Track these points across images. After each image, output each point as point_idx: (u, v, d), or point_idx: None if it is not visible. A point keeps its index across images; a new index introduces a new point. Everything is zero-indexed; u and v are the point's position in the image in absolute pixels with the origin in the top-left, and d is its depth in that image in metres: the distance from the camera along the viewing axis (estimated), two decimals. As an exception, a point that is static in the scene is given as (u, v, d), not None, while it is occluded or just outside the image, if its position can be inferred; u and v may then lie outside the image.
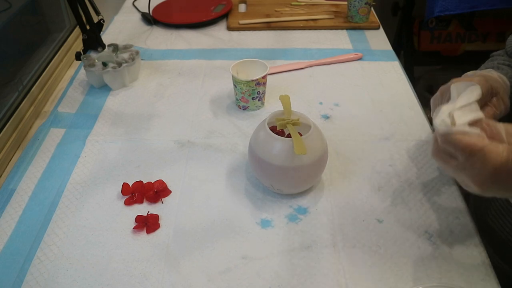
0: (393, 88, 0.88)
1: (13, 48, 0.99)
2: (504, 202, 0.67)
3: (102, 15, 0.95)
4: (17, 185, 0.69)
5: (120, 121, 0.81)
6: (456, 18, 1.72)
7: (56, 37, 1.11)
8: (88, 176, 0.70)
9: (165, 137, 0.77)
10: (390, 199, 0.65)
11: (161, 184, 0.67)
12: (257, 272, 0.56)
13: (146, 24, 1.16)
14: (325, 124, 0.79)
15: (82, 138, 0.77)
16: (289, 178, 0.61)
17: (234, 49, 1.03)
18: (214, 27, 1.14)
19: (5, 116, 0.83)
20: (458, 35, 1.77)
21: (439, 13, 1.34)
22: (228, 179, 0.69)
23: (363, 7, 1.07)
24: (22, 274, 0.56)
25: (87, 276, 0.56)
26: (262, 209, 0.64)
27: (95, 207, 0.65)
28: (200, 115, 0.82)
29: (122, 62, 0.87)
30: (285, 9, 1.18)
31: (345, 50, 1.01)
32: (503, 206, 0.67)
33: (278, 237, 0.60)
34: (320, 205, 0.64)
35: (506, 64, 0.64)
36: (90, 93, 0.89)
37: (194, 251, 0.58)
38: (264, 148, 0.61)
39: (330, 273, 0.55)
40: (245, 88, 0.79)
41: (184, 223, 0.62)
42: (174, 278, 0.55)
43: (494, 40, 1.77)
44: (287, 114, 0.63)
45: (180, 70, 0.96)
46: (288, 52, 1.01)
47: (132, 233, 0.61)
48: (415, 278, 0.54)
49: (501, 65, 0.65)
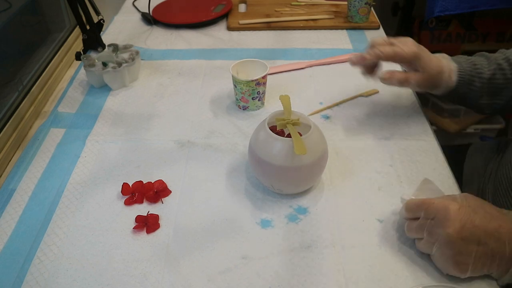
0: (393, 88, 0.88)
1: (13, 48, 0.99)
2: (504, 203, 0.67)
3: (102, 15, 0.95)
4: (17, 185, 0.69)
5: (120, 121, 0.81)
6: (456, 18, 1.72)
7: (56, 37, 1.11)
8: (88, 176, 0.70)
9: (165, 137, 0.77)
10: (390, 199, 0.65)
11: (161, 184, 0.67)
12: (257, 272, 0.56)
13: (146, 24, 1.16)
14: (325, 124, 0.79)
15: (82, 138, 0.77)
16: (289, 178, 0.61)
17: (234, 49, 1.03)
18: (214, 27, 1.14)
19: (5, 116, 0.83)
20: (458, 35, 1.77)
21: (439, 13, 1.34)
22: (228, 179, 0.69)
23: (363, 7, 1.07)
24: (22, 274, 0.56)
25: (87, 276, 0.56)
26: (262, 209, 0.64)
27: (95, 207, 0.65)
28: (200, 115, 0.82)
29: (122, 62, 0.87)
30: (285, 9, 1.18)
31: (345, 50, 1.01)
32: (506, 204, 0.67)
33: (278, 237, 0.60)
34: (320, 205, 0.64)
35: (496, 61, 0.70)
36: (90, 93, 0.89)
37: (194, 251, 0.58)
38: (264, 148, 0.61)
39: (330, 273, 0.55)
40: (245, 88, 0.79)
41: (184, 223, 0.62)
42: (174, 278, 0.55)
43: (494, 40, 1.77)
44: (287, 114, 0.63)
45: (180, 70, 0.96)
46: (288, 52, 1.01)
47: (132, 233, 0.61)
48: (415, 278, 0.54)
49: (484, 57, 0.72)
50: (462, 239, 0.49)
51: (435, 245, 0.52)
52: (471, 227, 0.50)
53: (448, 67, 0.69)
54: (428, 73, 0.68)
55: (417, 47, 0.68)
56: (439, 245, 0.51)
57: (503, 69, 0.69)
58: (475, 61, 0.71)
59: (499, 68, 0.69)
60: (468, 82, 0.70)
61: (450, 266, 0.51)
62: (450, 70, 0.69)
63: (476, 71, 0.70)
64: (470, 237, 0.49)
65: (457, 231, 0.49)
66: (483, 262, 0.50)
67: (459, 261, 0.50)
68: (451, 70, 0.69)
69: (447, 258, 0.51)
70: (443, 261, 0.52)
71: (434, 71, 0.68)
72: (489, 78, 0.69)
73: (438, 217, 0.51)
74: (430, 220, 0.52)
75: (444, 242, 0.50)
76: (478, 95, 0.71)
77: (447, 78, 0.69)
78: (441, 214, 0.51)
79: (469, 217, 0.50)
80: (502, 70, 0.69)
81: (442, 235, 0.50)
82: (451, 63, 0.70)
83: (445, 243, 0.50)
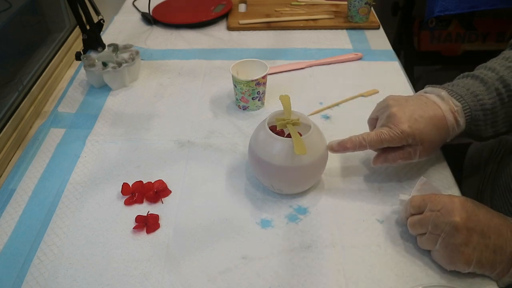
0: (393, 88, 0.88)
1: (13, 48, 0.99)
2: (504, 203, 0.67)
3: (102, 15, 0.95)
4: (17, 185, 0.69)
5: (120, 121, 0.81)
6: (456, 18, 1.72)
7: (56, 37, 1.11)
8: (88, 176, 0.70)
9: (165, 137, 0.77)
10: (390, 199, 0.64)
11: (161, 184, 0.67)
12: (257, 272, 0.56)
13: (146, 24, 1.16)
14: (325, 124, 0.79)
15: (82, 138, 0.77)
16: (289, 178, 0.61)
17: (234, 49, 1.03)
18: (214, 27, 1.14)
19: (5, 116, 0.83)
20: (458, 35, 1.77)
21: (439, 13, 1.34)
22: (228, 179, 0.69)
23: (363, 7, 1.07)
24: (22, 274, 0.56)
25: (87, 276, 0.56)
26: (262, 209, 0.64)
27: (95, 207, 0.65)
28: (200, 115, 0.82)
29: (122, 62, 0.87)
30: (285, 9, 1.18)
31: (345, 50, 1.01)
32: (503, 207, 0.67)
33: (278, 237, 0.60)
34: (320, 205, 0.64)
35: (494, 85, 0.62)
36: (90, 93, 0.89)
37: (194, 251, 0.58)
38: (264, 148, 0.61)
39: (330, 273, 0.55)
40: (245, 88, 0.79)
41: (184, 223, 0.62)
42: (174, 278, 0.55)
43: (494, 40, 1.77)
44: (287, 114, 0.63)
45: (180, 70, 0.96)
46: (288, 52, 1.01)
47: (132, 233, 0.61)
48: (415, 278, 0.54)
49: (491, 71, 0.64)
50: (468, 229, 0.50)
51: (440, 237, 0.52)
52: (476, 219, 0.51)
53: (450, 114, 0.60)
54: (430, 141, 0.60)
55: (408, 121, 0.59)
56: (444, 235, 0.51)
57: (500, 94, 0.62)
58: (474, 90, 0.62)
59: (497, 93, 0.62)
60: (475, 119, 0.62)
61: (455, 257, 0.51)
62: (455, 114, 0.60)
63: (479, 102, 0.61)
64: (475, 228, 0.50)
65: (464, 219, 0.50)
66: (486, 256, 0.50)
67: (464, 251, 0.50)
68: (456, 112, 0.60)
69: (452, 249, 0.51)
70: (447, 254, 0.52)
71: (437, 138, 0.60)
72: (492, 109, 0.62)
73: (445, 208, 0.52)
74: (436, 212, 0.52)
75: (450, 231, 0.51)
76: (482, 129, 0.63)
77: (453, 127, 0.61)
78: (448, 205, 0.52)
79: (474, 210, 0.51)
80: (500, 95, 0.62)
81: (449, 223, 0.50)
82: (451, 103, 0.61)
83: (451, 232, 0.50)
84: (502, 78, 0.62)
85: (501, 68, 0.63)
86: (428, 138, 0.60)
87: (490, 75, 0.63)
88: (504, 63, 0.64)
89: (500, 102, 0.62)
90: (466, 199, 0.53)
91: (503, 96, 0.62)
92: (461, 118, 0.61)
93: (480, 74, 0.64)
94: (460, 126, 0.62)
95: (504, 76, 0.62)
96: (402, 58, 1.73)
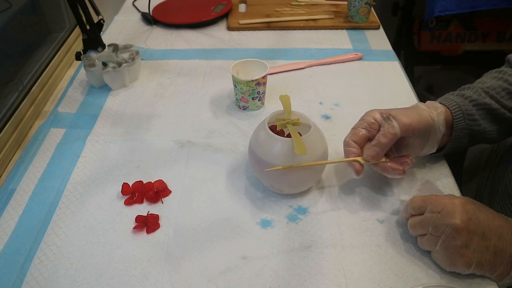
0: (393, 88, 0.88)
1: (13, 48, 0.99)
2: (504, 204, 0.67)
3: (102, 15, 0.95)
4: (17, 185, 0.69)
5: (120, 121, 0.81)
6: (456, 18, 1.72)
7: (56, 37, 1.11)
8: (88, 176, 0.70)
9: (165, 137, 0.77)
10: (390, 199, 0.64)
11: (161, 184, 0.67)
12: (257, 272, 0.56)
13: (146, 24, 1.16)
14: (325, 124, 0.79)
15: (82, 138, 0.77)
16: (289, 178, 0.61)
17: (234, 49, 1.03)
18: (214, 27, 1.14)
19: (5, 116, 0.83)
20: (458, 35, 1.77)
21: (439, 13, 1.34)
22: (228, 179, 0.69)
23: (363, 7, 1.07)
24: (22, 274, 0.56)
25: (87, 276, 0.56)
26: (262, 209, 0.64)
27: (95, 207, 0.65)
28: (200, 115, 0.82)
29: (122, 62, 0.87)
30: (285, 9, 1.18)
31: (345, 50, 1.01)
32: (503, 208, 0.67)
33: (278, 237, 0.60)
34: (320, 205, 0.64)
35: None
36: (90, 93, 0.89)
37: (194, 251, 0.58)
38: (264, 148, 0.61)
39: (330, 273, 0.55)
40: (245, 88, 0.79)
41: (184, 223, 0.62)
42: (174, 278, 0.55)
43: (494, 40, 1.77)
44: (287, 114, 0.63)
45: (180, 70, 0.96)
46: (288, 52, 1.01)
47: (132, 233, 0.61)
48: (415, 278, 0.54)
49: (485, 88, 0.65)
50: (468, 231, 0.50)
51: (440, 238, 0.52)
52: (477, 221, 0.51)
53: (431, 111, 0.62)
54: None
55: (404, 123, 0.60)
56: (444, 237, 0.51)
57: (493, 96, 0.64)
58: (460, 93, 0.65)
59: (488, 95, 0.64)
60: (469, 113, 0.63)
61: (455, 259, 0.51)
62: (436, 106, 0.63)
63: (468, 99, 0.64)
64: (476, 230, 0.50)
65: (464, 221, 0.50)
66: (486, 258, 0.50)
67: (464, 254, 0.50)
68: (435, 109, 0.62)
69: (452, 251, 0.51)
70: (447, 256, 0.52)
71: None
72: (483, 103, 0.64)
73: (445, 209, 0.52)
74: (436, 213, 0.52)
75: (450, 233, 0.51)
76: (482, 124, 0.64)
77: (433, 117, 0.62)
78: (449, 207, 0.52)
79: (475, 212, 0.51)
80: (492, 98, 0.64)
81: (449, 226, 0.50)
82: (434, 104, 0.63)
83: (452, 234, 0.50)
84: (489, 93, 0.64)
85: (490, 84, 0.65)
86: (409, 115, 0.60)
87: (483, 95, 0.65)
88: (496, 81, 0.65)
89: (495, 100, 0.64)
90: (467, 200, 0.53)
91: (497, 98, 0.64)
92: (442, 111, 0.62)
93: (465, 93, 0.66)
94: (442, 115, 0.62)
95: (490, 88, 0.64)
96: (402, 58, 1.73)
